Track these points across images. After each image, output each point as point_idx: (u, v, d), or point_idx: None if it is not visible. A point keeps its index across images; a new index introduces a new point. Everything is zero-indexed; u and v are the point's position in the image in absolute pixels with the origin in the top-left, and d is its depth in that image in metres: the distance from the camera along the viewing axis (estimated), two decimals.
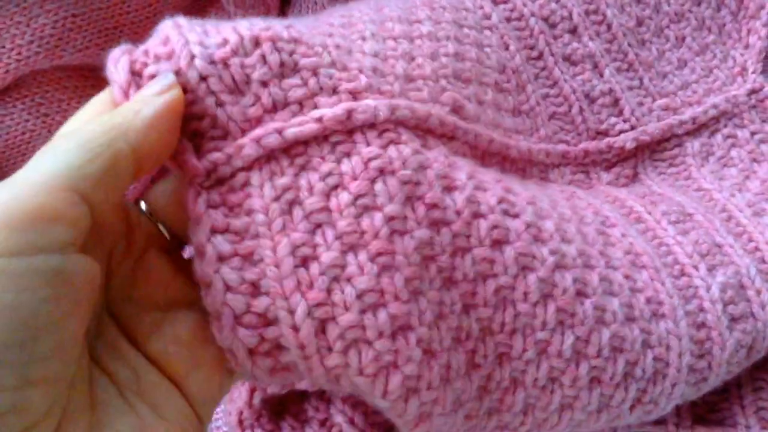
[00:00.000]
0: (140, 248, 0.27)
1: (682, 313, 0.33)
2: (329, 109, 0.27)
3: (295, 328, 0.26)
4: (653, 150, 0.43)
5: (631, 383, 0.32)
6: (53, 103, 0.43)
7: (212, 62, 0.26)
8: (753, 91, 0.46)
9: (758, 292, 0.36)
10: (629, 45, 0.44)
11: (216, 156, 0.26)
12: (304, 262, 0.26)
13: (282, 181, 0.26)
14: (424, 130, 0.30)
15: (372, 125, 0.28)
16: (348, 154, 0.27)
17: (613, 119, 0.42)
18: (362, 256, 0.26)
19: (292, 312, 0.26)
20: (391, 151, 0.27)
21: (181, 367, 0.26)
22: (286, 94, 0.27)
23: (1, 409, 0.18)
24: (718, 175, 0.43)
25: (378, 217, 0.27)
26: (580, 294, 0.31)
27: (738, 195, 0.41)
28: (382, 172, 0.27)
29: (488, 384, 0.30)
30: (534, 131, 0.40)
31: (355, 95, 0.28)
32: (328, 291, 0.26)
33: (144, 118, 0.23)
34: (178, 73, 0.26)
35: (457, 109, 0.32)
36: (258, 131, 0.26)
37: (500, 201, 0.30)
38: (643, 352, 0.32)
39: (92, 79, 0.44)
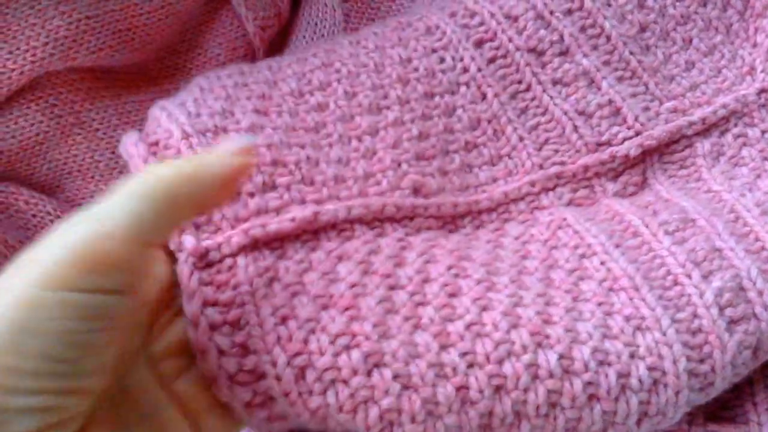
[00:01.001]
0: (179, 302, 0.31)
1: (668, 323, 0.34)
2: (300, 212, 0.33)
3: (278, 378, 0.29)
4: (662, 153, 0.43)
5: (631, 395, 0.33)
6: (66, 105, 0.43)
7: None
8: (763, 90, 0.46)
9: (760, 293, 0.36)
10: (631, 53, 0.44)
11: (208, 243, 0.31)
12: (284, 320, 0.30)
13: (264, 263, 0.32)
14: (381, 219, 0.36)
15: (333, 225, 0.34)
16: (314, 249, 0.33)
17: (615, 128, 0.42)
18: (333, 311, 0.31)
19: (274, 364, 0.29)
20: (346, 244, 0.34)
21: (198, 406, 0.30)
22: (267, 204, 0.33)
23: (40, 405, 0.22)
24: (729, 175, 0.43)
25: (342, 285, 0.32)
26: (547, 322, 0.33)
27: (748, 194, 0.41)
28: (340, 258, 0.33)
29: (491, 420, 0.31)
30: (518, 168, 0.41)
31: (319, 202, 0.34)
32: (305, 341, 0.30)
33: (216, 177, 0.27)
34: None
35: (417, 189, 0.37)
36: (246, 225, 0.32)
37: (450, 267, 0.34)
38: (633, 363, 0.33)
39: (105, 81, 0.44)
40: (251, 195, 0.33)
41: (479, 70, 0.43)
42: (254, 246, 0.32)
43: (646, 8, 0.46)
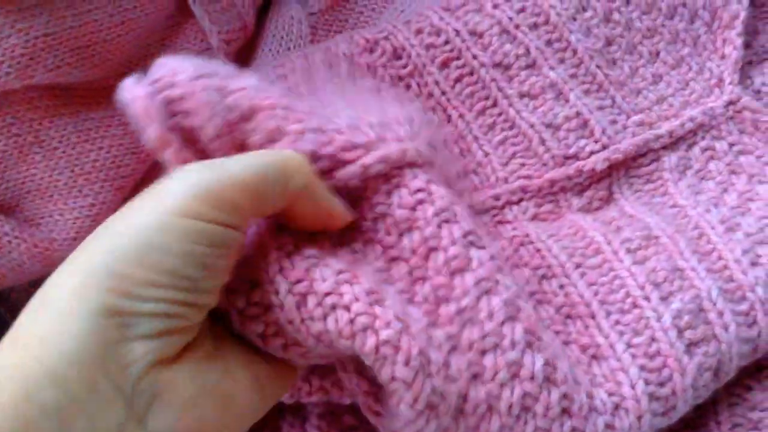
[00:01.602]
0: None
1: (622, 348, 0.35)
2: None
3: (281, 306, 0.29)
4: (629, 167, 0.43)
5: (597, 417, 0.33)
6: (24, 123, 0.42)
7: None
8: (730, 102, 0.46)
9: (720, 314, 0.36)
10: (597, 67, 0.44)
11: None
12: (288, 255, 0.30)
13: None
14: None
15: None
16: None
17: (582, 141, 0.42)
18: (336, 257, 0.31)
19: (277, 293, 0.29)
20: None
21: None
22: None
23: (165, 311, 0.26)
24: (695, 189, 0.43)
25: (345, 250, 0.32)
26: (495, 348, 0.32)
27: (713, 210, 0.41)
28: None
29: (464, 405, 0.30)
30: (484, 182, 0.41)
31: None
32: (307, 270, 0.30)
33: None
34: None
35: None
36: None
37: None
38: (594, 389, 0.33)
39: (64, 98, 0.43)
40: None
41: (443, 93, 0.43)
42: None
43: (612, 22, 0.46)
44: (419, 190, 0.32)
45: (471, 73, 0.43)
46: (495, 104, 0.43)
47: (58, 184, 0.43)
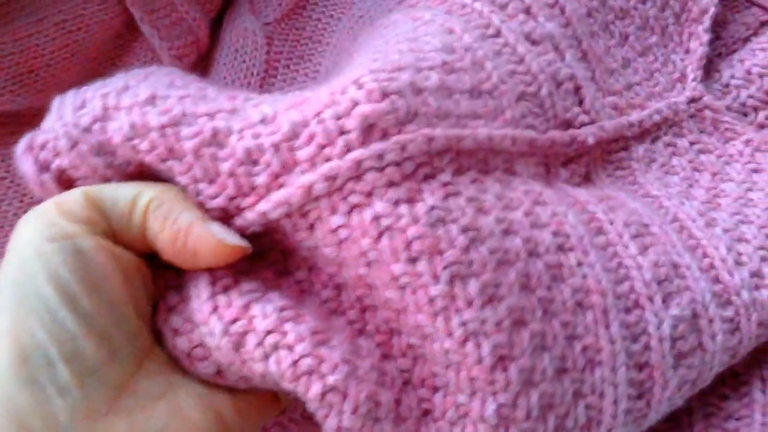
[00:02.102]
0: None
1: (623, 359, 0.31)
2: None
3: (218, 348, 0.27)
4: (603, 150, 0.40)
5: None
6: None
7: None
8: (692, 100, 0.44)
9: (710, 322, 0.33)
10: (583, 33, 0.41)
11: None
12: (226, 290, 0.28)
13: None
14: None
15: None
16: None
17: (575, 109, 0.39)
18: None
19: (212, 334, 0.27)
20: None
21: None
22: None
23: (80, 362, 0.25)
24: (663, 182, 0.40)
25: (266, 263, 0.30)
26: (503, 359, 0.28)
27: (687, 203, 0.39)
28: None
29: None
30: (499, 113, 0.34)
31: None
32: (246, 307, 0.28)
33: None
34: None
35: (369, 130, 0.29)
36: None
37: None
38: (574, 403, 0.30)
39: (10, 126, 0.42)
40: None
41: (435, 16, 0.38)
42: None
43: None
44: (341, 227, 0.28)
45: (463, 6, 0.39)
46: (498, 33, 0.37)
47: (7, 215, 0.42)
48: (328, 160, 0.28)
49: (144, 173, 0.30)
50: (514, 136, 0.34)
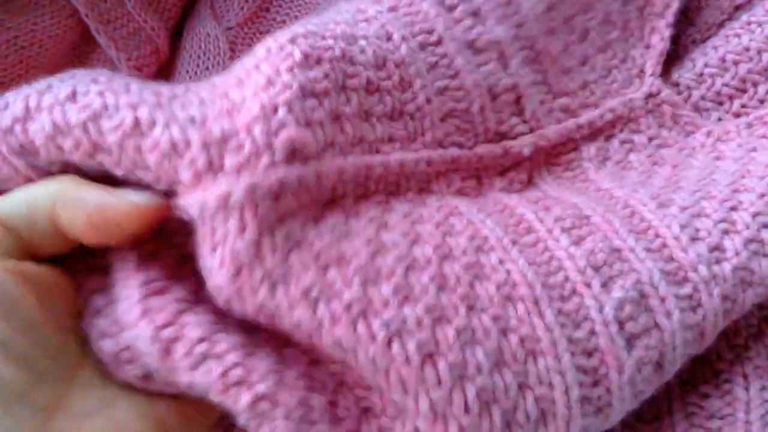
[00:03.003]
0: None
1: (564, 346, 0.31)
2: None
3: (146, 353, 0.27)
4: (548, 153, 0.40)
5: (517, 429, 0.30)
6: None
7: None
8: (650, 95, 0.43)
9: (662, 300, 0.33)
10: (539, 32, 0.40)
11: None
12: (159, 293, 0.28)
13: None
14: None
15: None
16: None
17: (513, 119, 0.38)
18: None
19: (141, 338, 0.27)
20: None
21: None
22: None
23: None
24: (618, 176, 0.40)
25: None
26: (431, 356, 0.28)
27: (641, 190, 0.38)
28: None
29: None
30: (418, 136, 0.35)
31: None
32: (178, 312, 0.27)
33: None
34: None
35: (293, 153, 0.29)
36: None
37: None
38: (521, 396, 0.30)
39: None
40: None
41: (378, 13, 0.37)
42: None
43: None
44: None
45: (410, 4, 0.38)
46: (440, 42, 0.37)
47: None
48: (252, 172, 0.28)
49: (69, 172, 0.30)
50: (430, 158, 0.34)
